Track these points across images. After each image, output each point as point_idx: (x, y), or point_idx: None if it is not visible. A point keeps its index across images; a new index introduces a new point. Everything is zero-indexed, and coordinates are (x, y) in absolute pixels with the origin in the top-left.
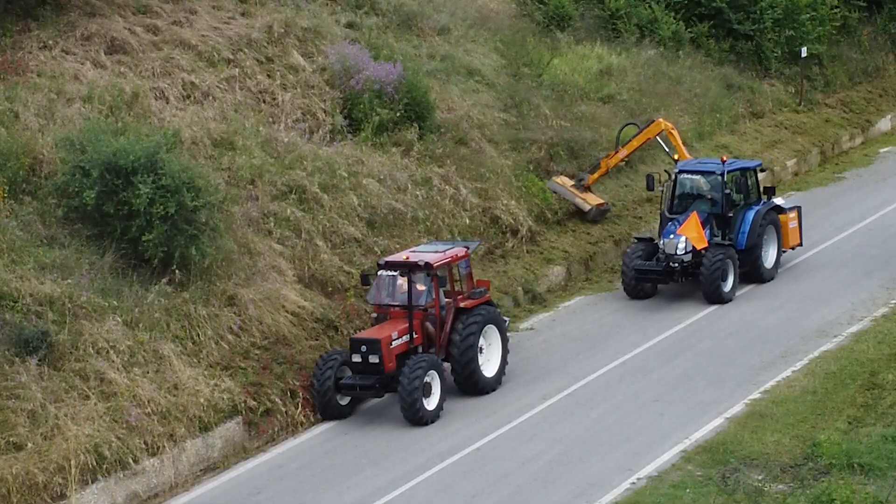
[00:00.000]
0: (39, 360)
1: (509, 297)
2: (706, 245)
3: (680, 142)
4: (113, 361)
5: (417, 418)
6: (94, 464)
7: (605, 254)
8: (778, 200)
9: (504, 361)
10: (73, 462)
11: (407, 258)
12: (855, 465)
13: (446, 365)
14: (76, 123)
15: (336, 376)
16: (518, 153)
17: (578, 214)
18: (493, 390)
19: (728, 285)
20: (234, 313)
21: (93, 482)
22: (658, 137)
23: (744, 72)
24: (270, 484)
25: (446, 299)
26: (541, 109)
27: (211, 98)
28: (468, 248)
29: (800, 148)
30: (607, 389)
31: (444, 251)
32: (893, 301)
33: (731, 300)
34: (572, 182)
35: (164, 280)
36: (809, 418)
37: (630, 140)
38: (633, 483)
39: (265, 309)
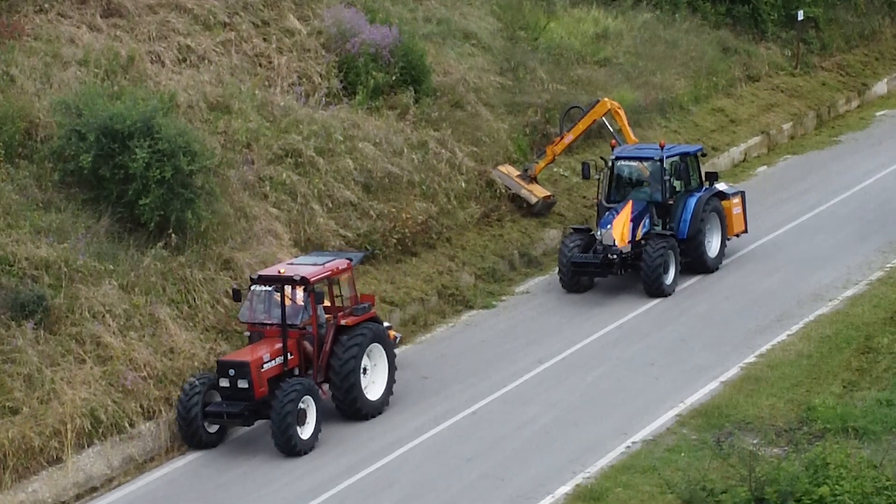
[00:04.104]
0: (35, 324)
1: (505, 261)
2: (626, 243)
3: (626, 122)
4: (109, 325)
5: (290, 449)
6: (90, 427)
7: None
8: (721, 186)
9: (391, 381)
10: (69, 426)
11: (281, 272)
12: (849, 429)
13: (326, 387)
14: (72, 87)
15: (204, 402)
16: (514, 117)
17: (525, 207)
18: (378, 414)
19: (669, 278)
20: (230, 277)
21: (89, 446)
22: (604, 119)
23: (740, 35)
24: (269, 446)
25: (326, 316)
26: (537, 73)
27: (207, 62)
28: (351, 260)
29: (796, 111)
30: (602, 353)
31: (323, 264)
32: (889, 265)
33: (671, 293)
34: (518, 172)
35: (160, 244)
36: (804, 382)
37: (576, 123)
38: (629, 447)
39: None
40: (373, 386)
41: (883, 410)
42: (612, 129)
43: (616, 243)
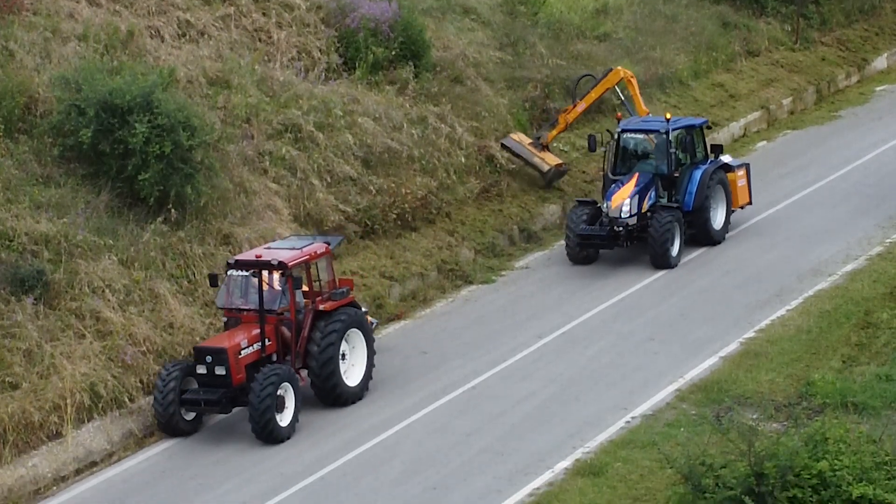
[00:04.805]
0: (35, 299)
1: (504, 236)
2: (624, 201)
3: (638, 91)
4: (108, 300)
5: (269, 436)
6: (90, 402)
7: (601, 192)
8: (726, 158)
9: (370, 367)
10: (68, 401)
11: (259, 256)
12: (849, 404)
13: (304, 373)
14: (72, 62)
15: (181, 389)
16: (514, 92)
17: (535, 176)
18: (358, 401)
19: (675, 250)
20: (230, 252)
21: (88, 421)
22: (616, 87)
23: (740, 10)
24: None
25: (304, 300)
26: (537, 48)
27: (206, 37)
28: (329, 245)
29: (796, 86)
30: (602, 328)
31: (301, 248)
32: (888, 240)
33: (676, 265)
34: (530, 140)
35: (159, 219)
36: (804, 357)
37: (588, 92)
38: (628, 422)
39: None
40: (352, 371)
41: (882, 385)
42: (622, 97)
43: (617, 208)
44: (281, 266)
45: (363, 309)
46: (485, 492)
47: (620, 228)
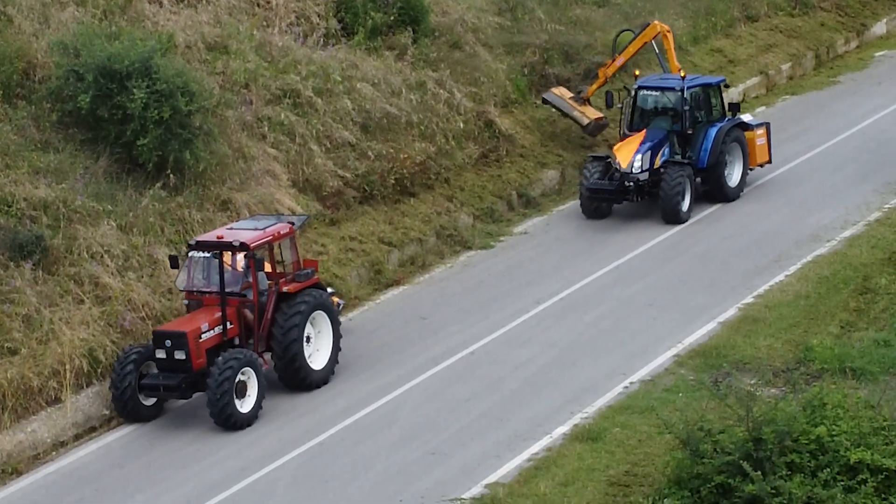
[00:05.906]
0: (34, 265)
1: (503, 202)
2: (626, 165)
3: (673, 46)
4: (107, 266)
5: (227, 422)
6: (89, 368)
7: None
8: (745, 117)
9: (336, 351)
10: (67, 366)
11: (220, 237)
12: (847, 370)
13: (267, 356)
14: (70, 27)
15: (140, 373)
16: (512, 57)
17: (576, 128)
18: (323, 385)
19: (685, 205)
20: (228, 218)
21: (87, 386)
22: (654, 42)
23: None
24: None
25: (268, 282)
26: (535, 13)
27: (205, 2)
28: (293, 225)
29: (794, 52)
30: (601, 294)
31: (264, 228)
32: (887, 206)
33: (687, 220)
34: (571, 94)
35: (158, 184)
36: (802, 323)
37: (626, 46)
38: (626, 387)
39: (259, 213)
40: (317, 355)
41: (880, 351)
42: (657, 51)
43: (629, 164)
44: (243, 247)
45: (329, 290)
46: (483, 457)
47: (630, 183)
